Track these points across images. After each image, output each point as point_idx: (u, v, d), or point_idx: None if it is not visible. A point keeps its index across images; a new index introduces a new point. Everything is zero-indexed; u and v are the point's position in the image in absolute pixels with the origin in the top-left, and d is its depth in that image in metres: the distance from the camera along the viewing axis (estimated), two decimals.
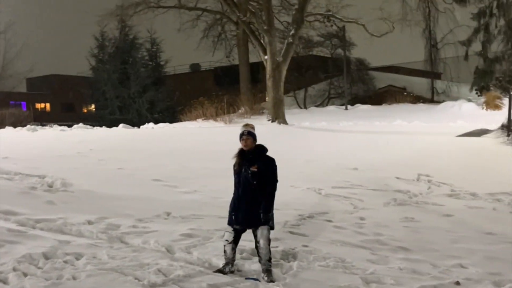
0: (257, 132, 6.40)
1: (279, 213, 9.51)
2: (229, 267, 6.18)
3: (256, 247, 6.11)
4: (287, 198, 10.48)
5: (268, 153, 6.26)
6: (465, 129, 22.75)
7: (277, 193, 6.19)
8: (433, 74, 43.02)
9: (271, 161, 6.16)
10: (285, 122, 26.23)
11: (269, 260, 6.08)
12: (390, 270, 6.58)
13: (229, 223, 6.23)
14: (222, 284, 5.76)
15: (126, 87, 41.91)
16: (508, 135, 20.33)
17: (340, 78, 43.46)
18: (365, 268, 6.61)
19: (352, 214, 9.82)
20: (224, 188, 11.46)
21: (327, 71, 45.42)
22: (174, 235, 7.66)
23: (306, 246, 7.39)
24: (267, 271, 6.03)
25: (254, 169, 6.00)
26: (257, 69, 43.08)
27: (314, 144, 19.10)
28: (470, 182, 12.95)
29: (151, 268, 6.17)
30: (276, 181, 6.17)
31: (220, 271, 6.13)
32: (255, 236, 6.08)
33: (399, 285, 6.10)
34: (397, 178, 13.26)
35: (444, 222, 9.53)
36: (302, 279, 6.09)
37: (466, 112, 29.63)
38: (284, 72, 26.85)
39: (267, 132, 24.22)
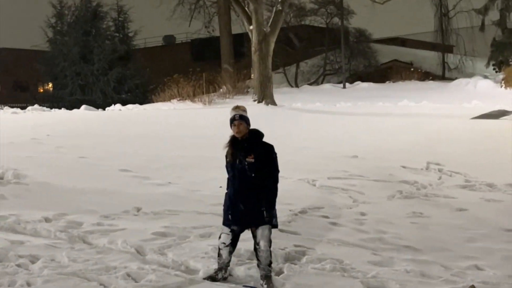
0: None
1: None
2: (222, 273, 6.15)
3: (255, 249, 6.06)
4: (279, 190, 10.46)
5: (264, 139, 6.22)
6: (481, 110, 22.89)
7: None
8: (444, 47, 43.22)
9: (270, 148, 6.07)
10: (273, 103, 26.19)
11: (270, 264, 6.07)
12: (395, 273, 6.61)
13: (225, 224, 6.15)
14: None
15: (88, 63, 41.61)
16: None
17: (337, 51, 43.49)
18: (366, 271, 6.62)
19: (351, 209, 9.84)
20: (203, 179, 11.51)
21: (322, 44, 45.42)
22: (145, 234, 7.63)
23: (298, 246, 7.40)
24: (267, 278, 6.01)
25: (250, 159, 5.89)
26: (240, 42, 42.95)
27: (307, 129, 19.10)
28: (487, 171, 13.02)
29: (119, 272, 6.14)
30: (277, 171, 6.09)
31: (212, 277, 6.09)
32: (255, 236, 6.04)
33: None
34: (403, 167, 13.30)
35: (457, 217, 9.57)
36: (294, 284, 6.10)
37: (482, 91, 29.80)
38: (272, 45, 26.77)
39: (252, 115, 24.05)
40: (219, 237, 6.19)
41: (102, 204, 9.13)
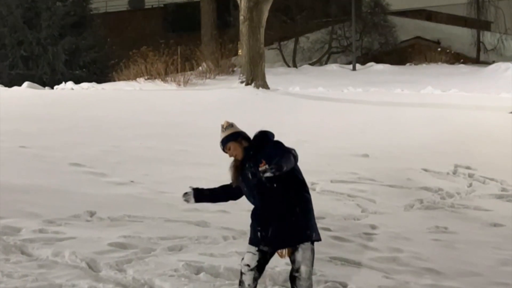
0: (225, 97, 6.33)
1: None
2: None
3: (293, 277, 5.94)
4: None
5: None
6: None
7: None
8: (479, 23, 43.32)
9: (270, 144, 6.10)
10: (265, 86, 26.12)
11: None
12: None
13: (253, 243, 6.02)
14: None
15: (34, 30, 41.37)
16: None
17: (347, 25, 43.50)
18: None
19: (359, 221, 9.85)
20: (173, 178, 11.48)
21: (327, 15, 45.43)
22: (99, 244, 7.59)
23: (288, 264, 7.35)
24: None
25: (263, 166, 5.82)
26: (226, 9, 42.88)
27: (307, 119, 19.06)
28: None
29: None
30: (288, 150, 6.06)
31: None
32: (293, 261, 5.93)
33: None
34: (425, 170, 13.31)
35: (490, 234, 9.59)
36: None
37: None
38: (265, 14, 26.71)
39: (239, 100, 24.03)
40: (242, 259, 6.07)
41: (47, 206, 9.08)
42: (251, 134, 6.29)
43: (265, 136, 6.19)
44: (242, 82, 26.59)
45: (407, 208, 10.83)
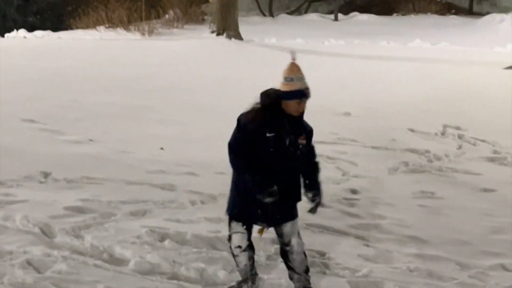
0: (193, 49, 6.28)
1: (224, 180, 9.48)
2: (248, 285, 6.01)
3: (284, 252, 5.97)
4: None
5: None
6: None
7: (222, 151, 6.12)
8: None
9: (311, 128, 5.98)
10: (238, 37, 26.03)
11: (307, 271, 6.02)
12: (395, 272, 6.66)
13: (242, 218, 5.88)
14: None
15: None
16: None
17: None
18: (355, 268, 6.67)
19: (339, 185, 9.88)
20: (137, 137, 11.45)
21: None
22: (54, 208, 7.56)
23: (266, 232, 7.38)
24: None
25: (303, 140, 5.78)
26: None
27: None
28: None
29: (16, 258, 6.10)
30: None
31: None
32: (281, 235, 5.94)
33: None
34: (411, 130, 13.37)
35: (480, 200, 9.68)
36: (260, 282, 6.11)
37: None
38: None
39: (209, 51, 23.94)
40: (229, 238, 5.96)
41: None
42: (224, 88, 6.23)
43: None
44: (212, 32, 26.50)
45: (391, 171, 10.89)
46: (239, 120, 5.86)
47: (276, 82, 5.75)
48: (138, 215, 7.70)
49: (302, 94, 5.68)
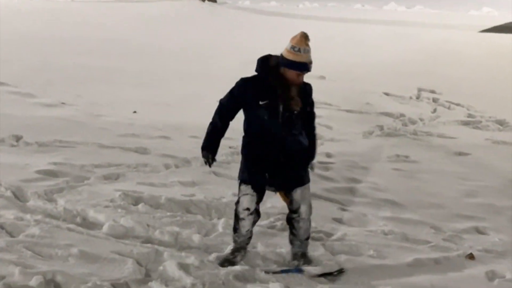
0: (167, 11, 6.24)
1: (198, 143, 9.40)
2: (242, 255, 5.99)
3: (291, 219, 5.97)
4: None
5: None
6: (494, 20, 23.13)
7: (196, 114, 6.11)
8: None
9: (310, 89, 5.95)
10: None
11: (308, 238, 6.04)
12: (370, 235, 6.68)
13: (252, 181, 5.87)
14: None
15: None
16: None
17: None
18: (330, 231, 6.69)
19: None
20: (109, 100, 11.37)
21: None
22: (26, 172, 7.51)
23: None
24: (303, 257, 5.98)
25: (296, 106, 5.73)
26: None
27: (258, 37, 18.94)
28: (497, 104, 13.24)
29: None
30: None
31: (230, 262, 5.90)
32: (290, 201, 5.93)
33: (381, 258, 6.21)
34: (386, 94, 13.40)
35: (455, 164, 9.74)
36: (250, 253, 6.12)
37: None
38: None
39: (183, 14, 23.73)
40: (237, 202, 5.94)
41: None
42: (199, 51, 6.19)
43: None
44: None
45: (365, 135, 10.91)
46: (236, 83, 5.84)
47: (250, 45, 5.72)
48: (111, 179, 7.66)
49: (304, 68, 5.59)
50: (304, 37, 5.57)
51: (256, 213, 5.93)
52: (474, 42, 19.41)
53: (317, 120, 11.33)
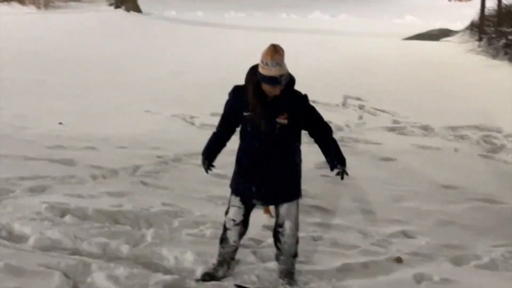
0: (91, 22, 6.19)
1: (126, 154, 9.46)
2: (224, 269, 5.93)
3: (276, 234, 5.91)
4: (139, 130, 10.40)
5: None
6: (417, 28, 23.49)
7: (123, 125, 6.07)
8: None
9: (304, 100, 5.88)
10: (137, 9, 25.81)
11: (295, 256, 5.96)
12: (299, 242, 6.68)
13: (238, 193, 5.86)
14: None
15: None
16: (480, 40, 21.17)
17: None
18: (259, 238, 6.70)
19: None
20: (33, 112, 11.24)
21: None
22: None
23: (167, 204, 7.40)
24: (289, 275, 5.89)
25: (283, 120, 5.66)
26: None
27: (184, 47, 18.93)
28: (421, 110, 13.44)
29: None
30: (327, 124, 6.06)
31: (211, 276, 5.86)
32: (277, 215, 5.89)
33: (311, 264, 6.25)
34: (313, 101, 13.25)
35: (381, 169, 9.85)
36: (159, 257, 6.10)
37: (419, 2, 30.52)
38: None
39: (107, 25, 23.59)
40: (226, 212, 5.92)
41: None
42: (122, 62, 6.16)
43: (291, 84, 5.80)
44: (111, 5, 26.22)
45: None
46: (229, 93, 5.85)
47: (176, 55, 5.73)
48: (38, 191, 7.56)
49: (274, 81, 5.52)
50: (272, 50, 5.50)
51: (243, 225, 5.88)
52: (398, 49, 19.70)
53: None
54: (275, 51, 5.50)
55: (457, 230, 7.55)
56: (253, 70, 5.63)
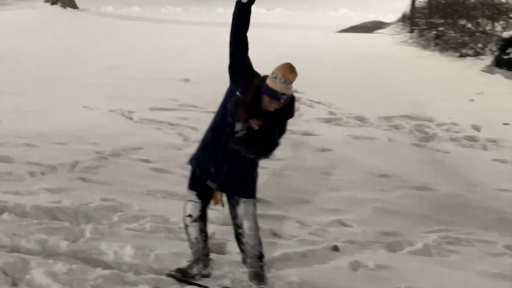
0: (26, 19, 6.11)
1: (64, 150, 9.37)
2: (199, 268, 5.85)
3: (238, 235, 5.78)
4: (77, 126, 10.33)
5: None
6: (350, 21, 23.68)
7: (62, 121, 6.00)
8: None
9: (284, 113, 5.66)
10: (73, 5, 25.56)
11: (260, 257, 5.82)
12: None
13: (192, 183, 5.81)
14: None
15: None
16: (412, 31, 21.50)
17: None
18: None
19: (182, 150, 9.85)
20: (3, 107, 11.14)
21: None
22: None
23: (107, 199, 7.37)
24: (257, 277, 5.78)
25: (255, 124, 5.50)
26: None
27: (122, 42, 18.82)
28: (356, 101, 13.58)
29: None
30: (279, 138, 5.75)
31: (184, 273, 5.78)
32: (234, 217, 5.75)
33: None
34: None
35: (317, 159, 9.94)
36: (99, 253, 6.05)
37: None
38: None
39: (43, 21, 23.28)
40: (184, 207, 5.85)
41: None
42: (61, 58, 6.09)
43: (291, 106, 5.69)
44: (46, 1, 25.88)
45: None
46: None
47: (114, 50, 5.68)
48: None
49: (274, 96, 5.43)
50: (288, 68, 5.49)
51: (201, 220, 5.82)
52: (332, 42, 19.85)
53: (183, 122, 11.38)
54: (290, 70, 5.47)
55: (392, 217, 7.69)
56: (264, 78, 5.60)
